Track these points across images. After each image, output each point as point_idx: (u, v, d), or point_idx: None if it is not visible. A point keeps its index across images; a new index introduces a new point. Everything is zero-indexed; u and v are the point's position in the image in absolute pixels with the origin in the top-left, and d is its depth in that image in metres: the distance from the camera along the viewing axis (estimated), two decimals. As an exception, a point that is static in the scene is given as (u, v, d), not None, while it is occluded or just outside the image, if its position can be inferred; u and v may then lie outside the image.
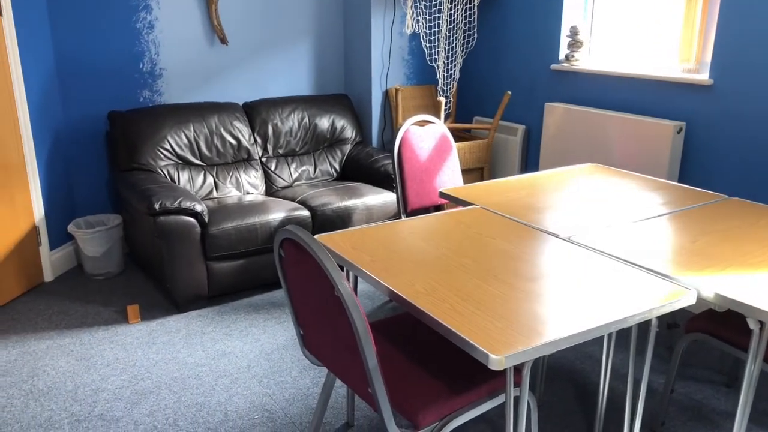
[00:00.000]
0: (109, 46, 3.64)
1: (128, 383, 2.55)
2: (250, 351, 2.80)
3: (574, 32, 3.68)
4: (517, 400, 1.66)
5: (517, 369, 1.68)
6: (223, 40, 3.92)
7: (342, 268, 1.82)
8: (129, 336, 2.92)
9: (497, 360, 1.37)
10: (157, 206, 2.97)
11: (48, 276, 3.50)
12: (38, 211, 3.40)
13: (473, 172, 4.03)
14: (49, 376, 2.60)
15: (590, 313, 1.56)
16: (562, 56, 3.81)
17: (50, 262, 3.50)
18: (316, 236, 2.09)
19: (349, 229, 2.18)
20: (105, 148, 3.77)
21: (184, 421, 2.31)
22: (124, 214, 3.62)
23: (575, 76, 3.72)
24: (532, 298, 1.64)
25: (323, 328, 1.71)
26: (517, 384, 1.67)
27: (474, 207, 2.43)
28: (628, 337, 2.92)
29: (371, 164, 3.90)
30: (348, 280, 2.07)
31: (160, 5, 3.73)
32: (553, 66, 3.79)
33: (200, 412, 2.37)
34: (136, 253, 3.64)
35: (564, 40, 3.79)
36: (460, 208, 2.43)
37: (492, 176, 4.24)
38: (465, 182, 3.96)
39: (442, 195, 2.64)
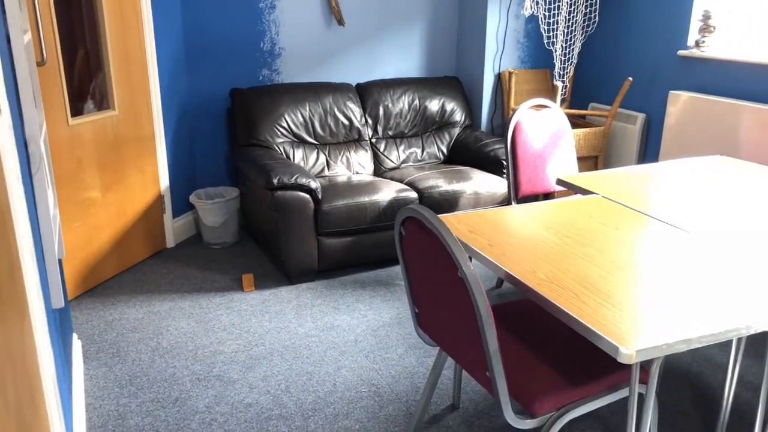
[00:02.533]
0: (233, 25, 3.79)
1: (243, 348, 2.68)
2: (357, 326, 2.87)
3: (706, 16, 3.46)
4: (640, 398, 1.61)
5: (643, 366, 1.62)
6: (340, 21, 3.99)
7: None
8: (244, 303, 3.07)
9: (628, 354, 1.33)
10: (275, 181, 3.09)
11: (170, 242, 3.73)
12: (164, 180, 3.62)
13: (587, 161, 3.90)
14: (172, 335, 2.78)
15: (726, 312, 1.48)
16: (691, 42, 3.59)
17: (173, 229, 3.73)
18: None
19: (465, 212, 2.17)
20: (225, 124, 3.95)
21: (295, 388, 2.41)
22: (242, 188, 3.79)
23: (705, 64, 3.50)
24: (662, 293, 1.57)
25: (441, 309, 1.72)
26: (643, 381, 1.61)
27: (594, 196, 2.35)
28: (757, 343, 2.74)
29: (480, 148, 3.86)
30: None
31: (282, -14, 3.84)
32: (681, 52, 3.58)
33: (310, 381, 2.45)
34: (251, 225, 3.81)
35: (694, 25, 3.56)
36: (579, 196, 2.36)
37: (607, 165, 4.08)
38: (579, 170, 3.84)
39: (560, 182, 2.57)
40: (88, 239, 3.13)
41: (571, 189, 2.51)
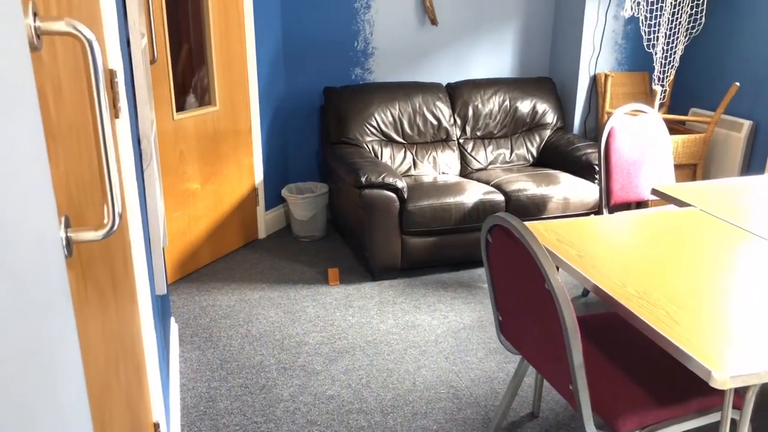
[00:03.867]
0: (329, 25, 3.89)
1: (327, 340, 2.77)
2: (438, 326, 2.89)
3: (827, 17, 3.22)
4: (732, 424, 1.55)
5: (737, 390, 1.56)
6: (434, 21, 4.00)
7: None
8: (329, 297, 3.16)
9: (721, 379, 1.28)
10: (363, 180, 3.15)
11: (261, 233, 3.89)
12: (259, 174, 3.77)
13: (685, 169, 3.74)
14: (261, 324, 2.91)
15: (835, 343, 1.39)
16: (808, 45, 3.35)
17: (265, 221, 3.88)
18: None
19: (553, 220, 2.15)
20: (318, 121, 4.07)
21: (375, 384, 2.47)
22: (331, 184, 3.89)
23: (823, 68, 3.26)
24: (762, 315, 1.50)
25: (525, 319, 1.72)
26: (737, 407, 1.55)
27: (692, 208, 2.26)
28: None
29: (571, 152, 3.78)
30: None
31: (378, -14, 3.90)
32: (796, 56, 3.36)
33: (390, 378, 2.50)
34: (338, 220, 3.91)
35: (813, 27, 3.33)
36: (674, 208, 2.27)
37: (707, 175, 3.89)
38: (676, 179, 3.68)
39: (655, 192, 2.48)
40: (187, 228, 3.31)
41: (667, 200, 2.42)
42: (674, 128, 3.96)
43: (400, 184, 3.21)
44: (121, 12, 1.74)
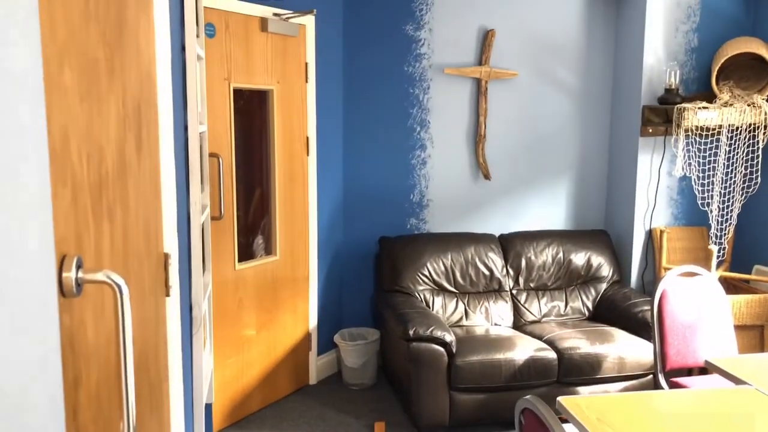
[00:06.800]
0: (387, 180, 4.11)
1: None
2: (484, 495, 2.76)
3: None
4: None
5: None
6: (487, 176, 4.17)
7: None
8: (373, 454, 3.10)
9: None
10: (411, 332, 3.19)
11: (312, 379, 3.92)
12: (313, 319, 3.87)
13: (751, 330, 3.57)
14: (302, 480, 2.87)
15: None
16: None
17: (316, 366, 3.92)
18: (559, 398, 2.05)
19: (598, 394, 2.10)
20: (373, 269, 4.19)
21: None
22: (382, 331, 3.93)
23: None
24: None
25: None
26: None
27: (747, 387, 2.15)
28: None
29: (628, 308, 3.70)
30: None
31: (434, 144, 4.14)
32: None
33: None
34: (388, 367, 3.90)
35: None
36: (730, 385, 2.18)
37: (775, 335, 3.69)
38: (740, 342, 3.52)
39: (709, 365, 2.39)
40: (239, 374, 3.39)
41: (720, 374, 2.32)
42: (737, 286, 3.84)
43: (449, 337, 3.22)
44: (183, 191, 1.94)
